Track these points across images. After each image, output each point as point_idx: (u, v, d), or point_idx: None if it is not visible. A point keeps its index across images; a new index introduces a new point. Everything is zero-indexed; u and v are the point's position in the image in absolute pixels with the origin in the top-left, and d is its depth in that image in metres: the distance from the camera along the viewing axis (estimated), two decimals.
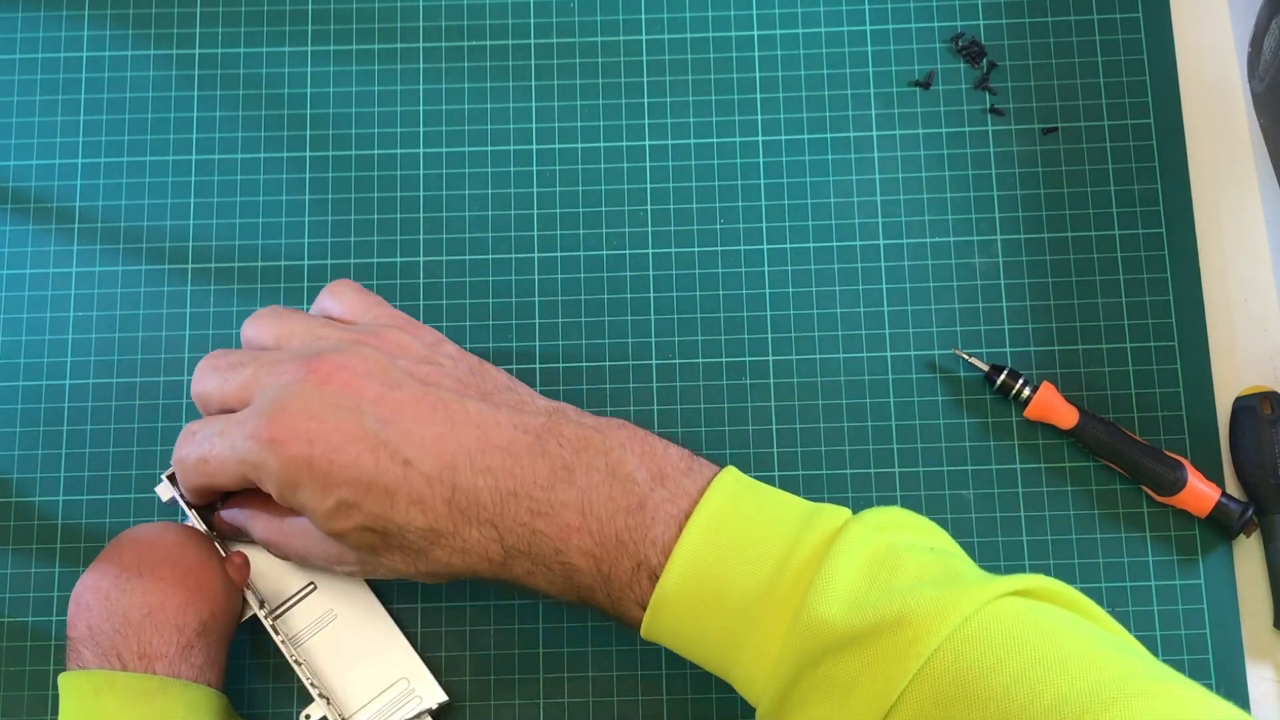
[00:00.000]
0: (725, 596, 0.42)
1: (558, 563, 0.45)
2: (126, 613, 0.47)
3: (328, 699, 0.51)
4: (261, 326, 0.50)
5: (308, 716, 0.51)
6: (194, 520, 0.52)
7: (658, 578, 0.43)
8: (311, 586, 0.53)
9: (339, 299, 0.51)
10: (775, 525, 0.43)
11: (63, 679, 0.48)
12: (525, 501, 0.44)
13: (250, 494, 0.50)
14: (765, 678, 0.42)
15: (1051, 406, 0.54)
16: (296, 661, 0.51)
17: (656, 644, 0.46)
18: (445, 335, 0.52)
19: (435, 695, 0.52)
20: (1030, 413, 0.55)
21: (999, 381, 0.55)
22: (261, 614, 0.51)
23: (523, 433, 0.45)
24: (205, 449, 0.47)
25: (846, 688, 0.40)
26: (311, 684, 0.51)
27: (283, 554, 0.50)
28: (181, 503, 0.51)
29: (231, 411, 0.47)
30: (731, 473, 0.45)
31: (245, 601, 0.52)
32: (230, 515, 0.51)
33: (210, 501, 0.51)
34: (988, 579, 0.41)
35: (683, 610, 0.43)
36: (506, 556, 0.45)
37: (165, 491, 0.52)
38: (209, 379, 0.48)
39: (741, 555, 0.43)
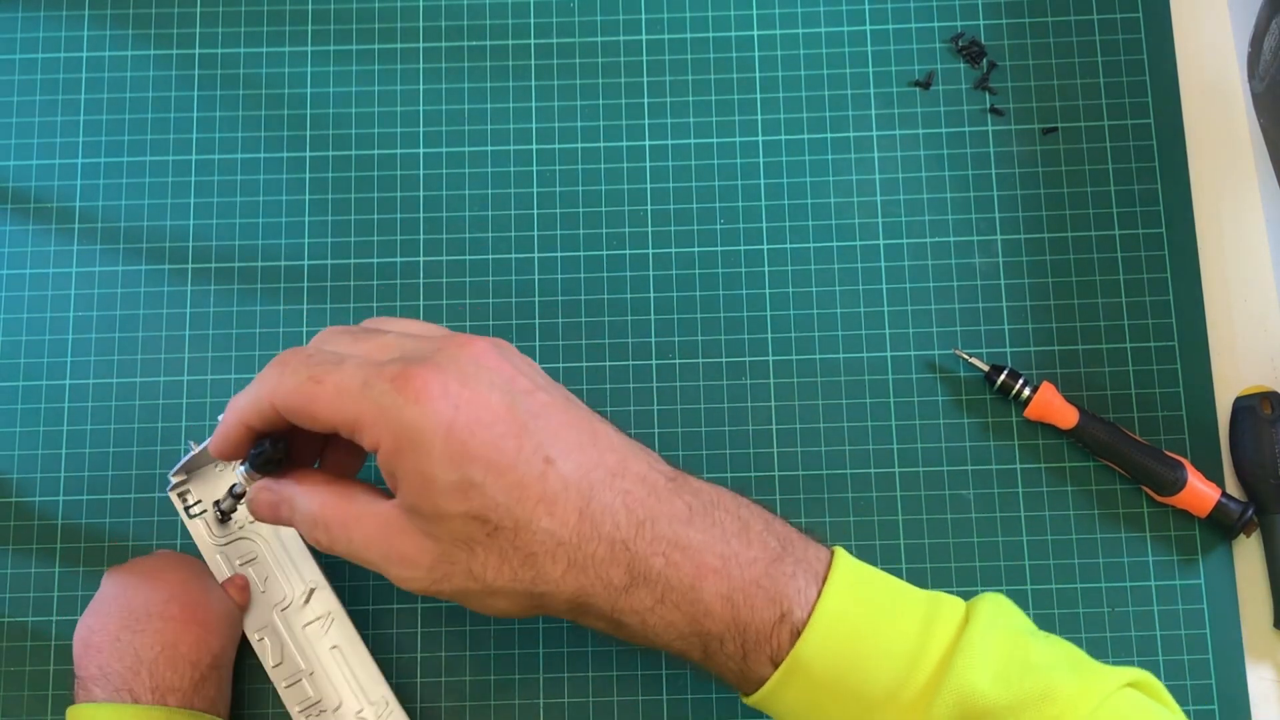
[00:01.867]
0: (863, 667, 0.41)
1: (688, 601, 0.41)
2: (139, 652, 0.48)
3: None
4: (357, 340, 0.44)
5: None
6: (195, 532, 0.52)
7: (799, 633, 0.41)
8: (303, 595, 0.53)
9: (418, 326, 0.47)
10: (902, 600, 0.42)
11: (71, 712, 0.48)
12: (664, 530, 0.41)
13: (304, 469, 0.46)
14: None
15: (1051, 406, 0.54)
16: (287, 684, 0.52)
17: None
18: None
19: None
20: (1030, 413, 0.55)
21: (999, 381, 0.55)
22: (254, 638, 0.52)
23: (657, 472, 0.43)
24: (322, 371, 0.41)
25: None
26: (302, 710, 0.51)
27: (330, 541, 0.43)
28: (184, 517, 0.52)
29: None
30: (843, 552, 0.44)
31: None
32: (279, 486, 0.45)
33: (260, 439, 0.44)
34: (1110, 667, 0.42)
35: (817, 674, 0.41)
36: (631, 583, 0.41)
37: (176, 500, 0.52)
38: (338, 338, 0.44)
39: (878, 625, 0.41)
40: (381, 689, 0.51)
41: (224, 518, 0.53)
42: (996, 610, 0.43)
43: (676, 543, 0.41)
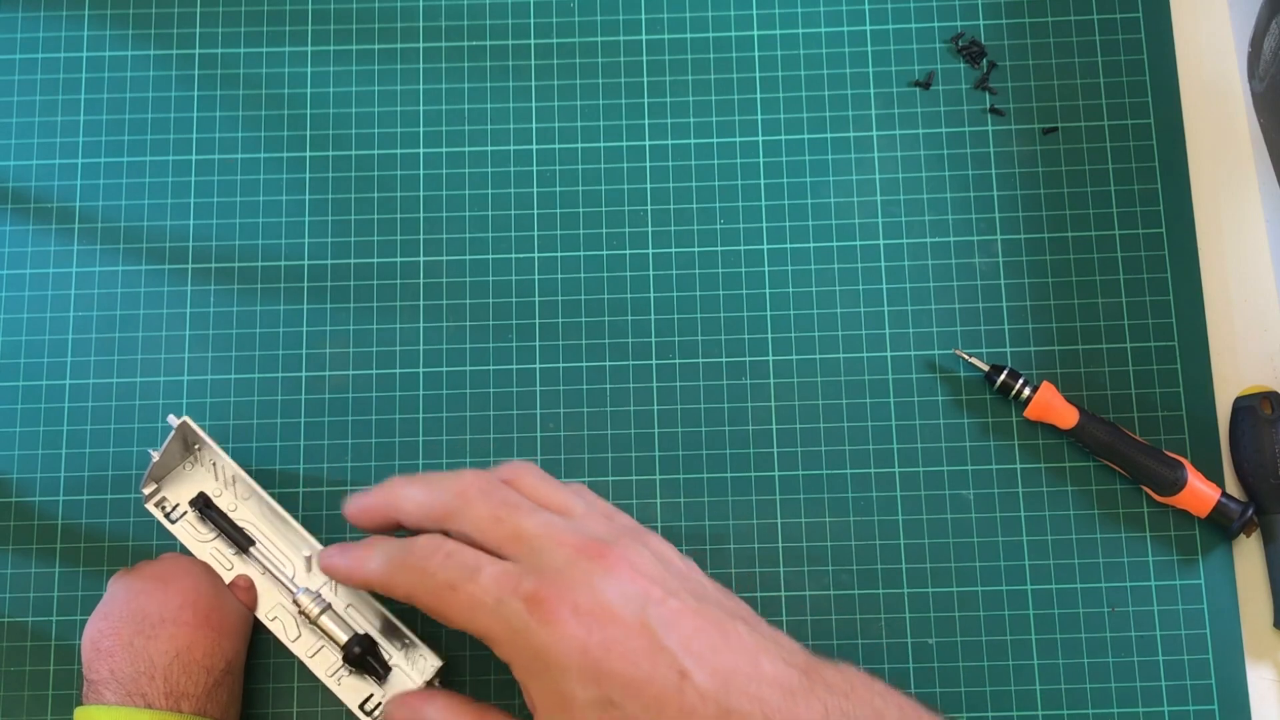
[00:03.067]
0: None
1: None
2: (152, 657, 0.48)
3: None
4: (489, 498, 0.45)
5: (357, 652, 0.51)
6: (182, 535, 0.52)
7: None
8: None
9: (577, 496, 0.47)
10: None
11: (80, 713, 0.48)
12: None
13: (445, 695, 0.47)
14: None
15: (1051, 406, 0.54)
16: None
17: None
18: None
19: (433, 660, 0.52)
20: (1030, 413, 0.55)
21: (999, 381, 0.55)
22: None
23: (790, 667, 0.43)
24: (459, 579, 0.43)
25: None
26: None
27: None
28: (166, 524, 0.53)
29: (474, 546, 0.44)
30: None
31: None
32: (418, 705, 0.47)
33: (359, 642, 0.48)
34: None
35: None
36: None
37: (154, 510, 0.53)
38: (477, 509, 0.45)
39: None
40: (401, 630, 0.51)
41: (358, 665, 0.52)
42: None
43: None
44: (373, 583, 0.46)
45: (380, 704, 0.51)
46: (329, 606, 0.52)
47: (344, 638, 0.51)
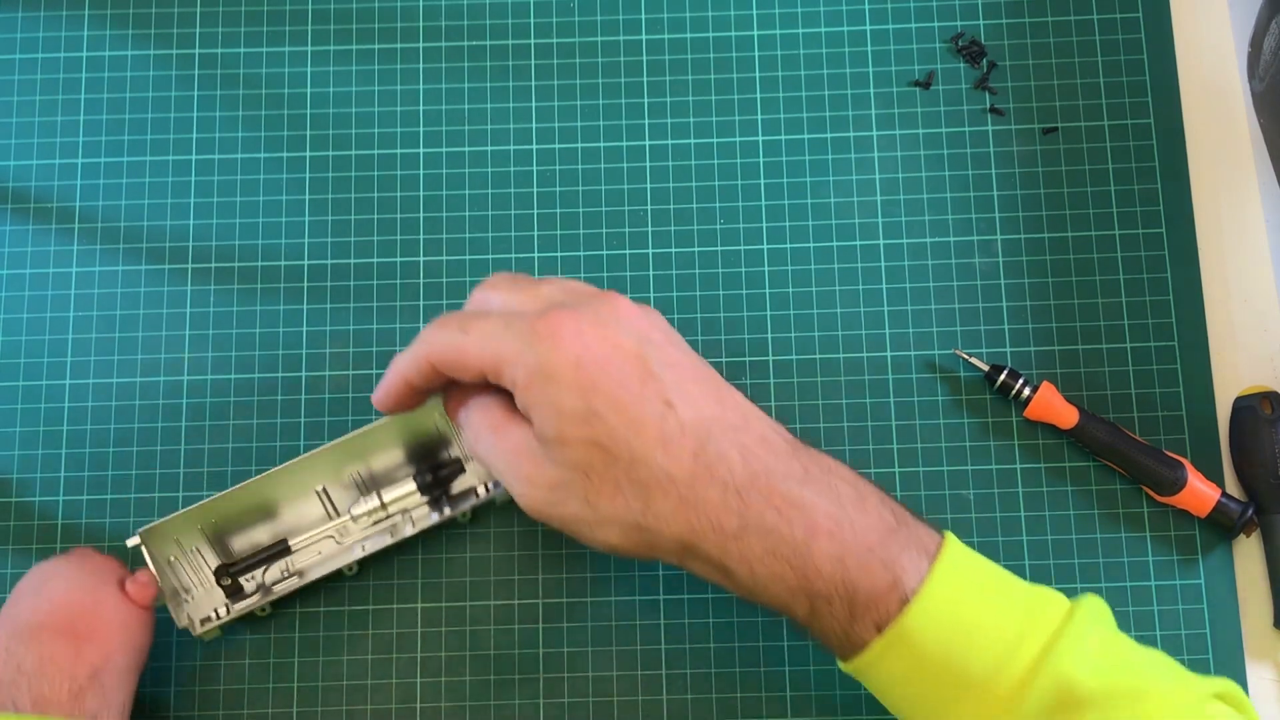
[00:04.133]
0: (966, 645, 0.42)
1: (799, 555, 0.42)
2: (20, 663, 0.47)
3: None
4: (516, 286, 0.47)
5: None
6: (251, 607, 0.52)
7: (907, 602, 0.42)
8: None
9: (578, 285, 0.49)
10: (1008, 588, 0.43)
11: None
12: (779, 484, 0.43)
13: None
14: None
15: (1051, 406, 0.54)
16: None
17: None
18: None
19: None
20: (1030, 413, 0.55)
21: (999, 381, 0.55)
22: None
23: (779, 435, 0.45)
24: (470, 322, 0.45)
25: None
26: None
27: (477, 445, 0.46)
28: (233, 615, 0.52)
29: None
30: (953, 536, 0.44)
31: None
32: (471, 395, 0.47)
33: (418, 393, 0.48)
34: (1202, 677, 0.43)
35: (920, 647, 0.42)
36: (741, 529, 0.43)
37: (134, 542, 0.52)
38: (497, 287, 0.47)
39: (983, 608, 0.42)
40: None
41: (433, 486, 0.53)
42: (1097, 610, 0.43)
43: (790, 499, 0.43)
44: (408, 378, 0.47)
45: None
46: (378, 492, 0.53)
47: (412, 485, 0.53)
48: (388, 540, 0.53)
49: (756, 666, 0.54)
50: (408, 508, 0.53)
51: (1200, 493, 0.53)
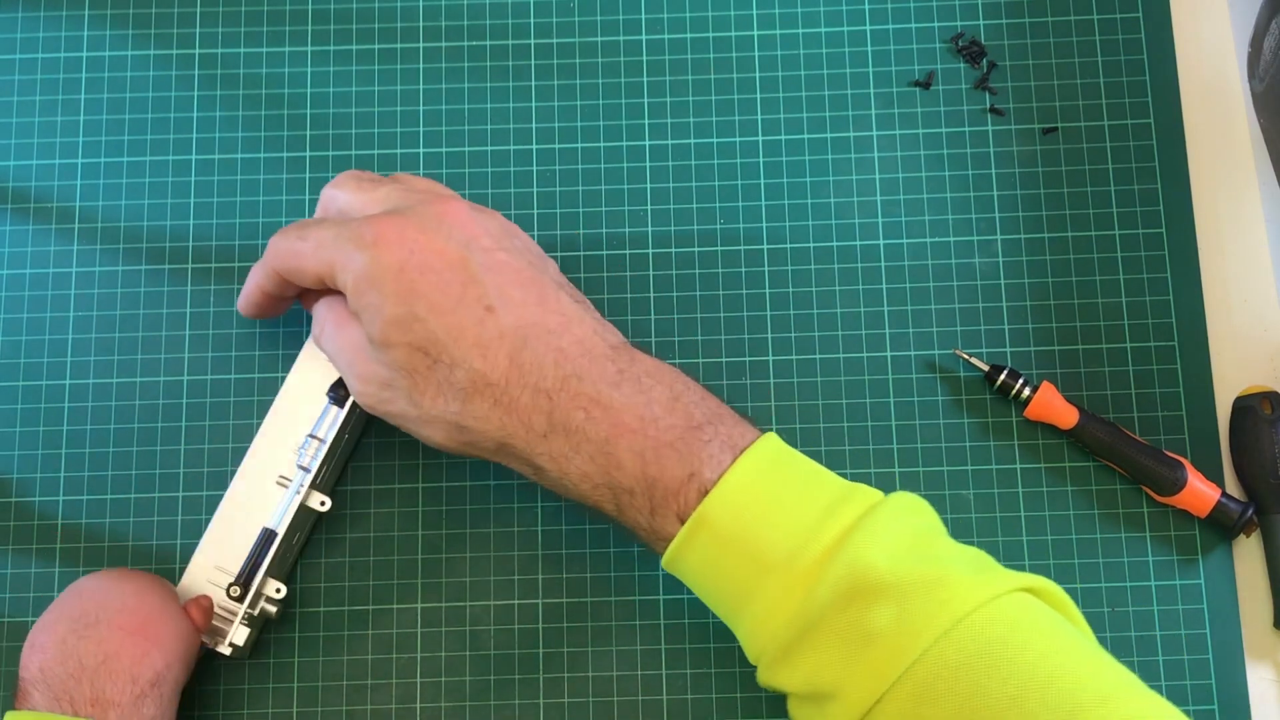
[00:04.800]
0: (765, 530, 0.43)
1: (602, 453, 0.45)
2: (82, 658, 0.47)
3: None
4: (359, 187, 0.50)
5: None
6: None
7: (706, 493, 0.44)
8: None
9: (424, 183, 0.51)
10: (818, 482, 0.45)
11: (10, 718, 0.47)
12: (588, 387, 0.45)
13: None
14: (783, 618, 0.42)
15: (1051, 406, 0.54)
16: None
17: (675, 577, 0.46)
18: None
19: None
20: (1030, 413, 0.55)
21: (999, 381, 0.55)
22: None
23: (602, 339, 0.47)
24: (306, 230, 0.48)
25: (869, 637, 0.41)
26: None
27: (323, 339, 0.50)
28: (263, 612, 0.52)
29: None
30: (774, 435, 0.46)
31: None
32: (323, 295, 0.51)
33: (275, 299, 0.51)
34: (1013, 571, 0.44)
35: (721, 533, 0.43)
36: (549, 429, 0.45)
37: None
38: (347, 185, 0.50)
39: (787, 497, 0.44)
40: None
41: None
42: (910, 505, 0.45)
43: (598, 400, 0.45)
44: (262, 285, 0.51)
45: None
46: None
47: (326, 402, 0.54)
48: (329, 440, 0.53)
49: None
50: (336, 421, 0.54)
51: (1200, 493, 0.53)
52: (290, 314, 0.57)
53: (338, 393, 0.53)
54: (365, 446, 0.56)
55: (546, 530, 0.55)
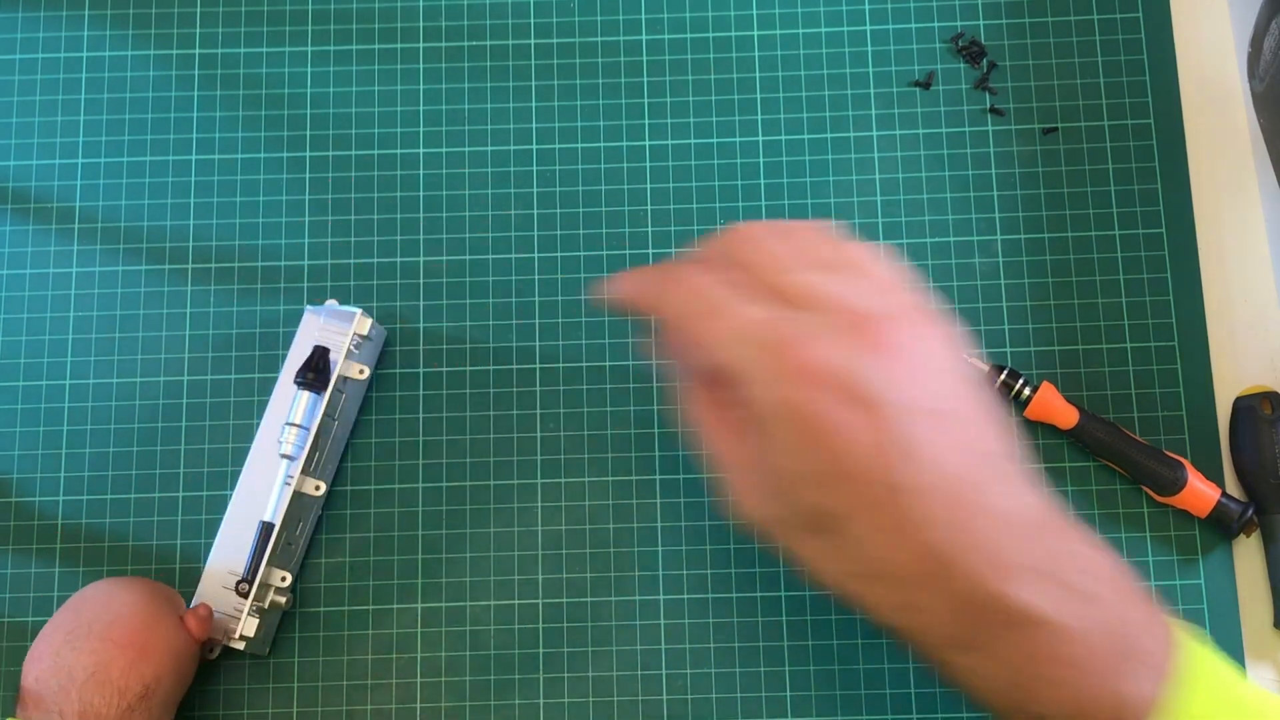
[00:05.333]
0: None
1: (1017, 676, 0.38)
2: (71, 670, 0.47)
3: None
4: (801, 262, 0.41)
5: None
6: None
7: None
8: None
9: (862, 262, 0.42)
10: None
11: None
12: (1013, 601, 0.37)
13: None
14: None
15: (1051, 406, 0.54)
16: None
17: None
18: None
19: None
20: (1030, 413, 0.55)
21: (999, 381, 0.55)
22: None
23: (1025, 510, 0.39)
24: (726, 311, 0.40)
25: None
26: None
27: (690, 413, 0.43)
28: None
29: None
30: (1188, 636, 0.40)
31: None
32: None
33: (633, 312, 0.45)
34: None
35: None
36: (954, 642, 0.39)
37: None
38: (780, 257, 0.41)
39: None
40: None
41: None
42: None
43: (1024, 620, 0.38)
44: (638, 304, 0.43)
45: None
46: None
47: (294, 390, 0.53)
48: (311, 426, 0.53)
49: (756, 666, 0.54)
50: (314, 406, 0.53)
51: (1200, 493, 0.53)
52: (290, 314, 0.57)
53: (305, 377, 0.53)
54: (365, 447, 0.56)
55: (546, 530, 0.55)
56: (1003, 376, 0.55)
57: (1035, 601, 0.37)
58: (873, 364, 0.38)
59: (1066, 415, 0.54)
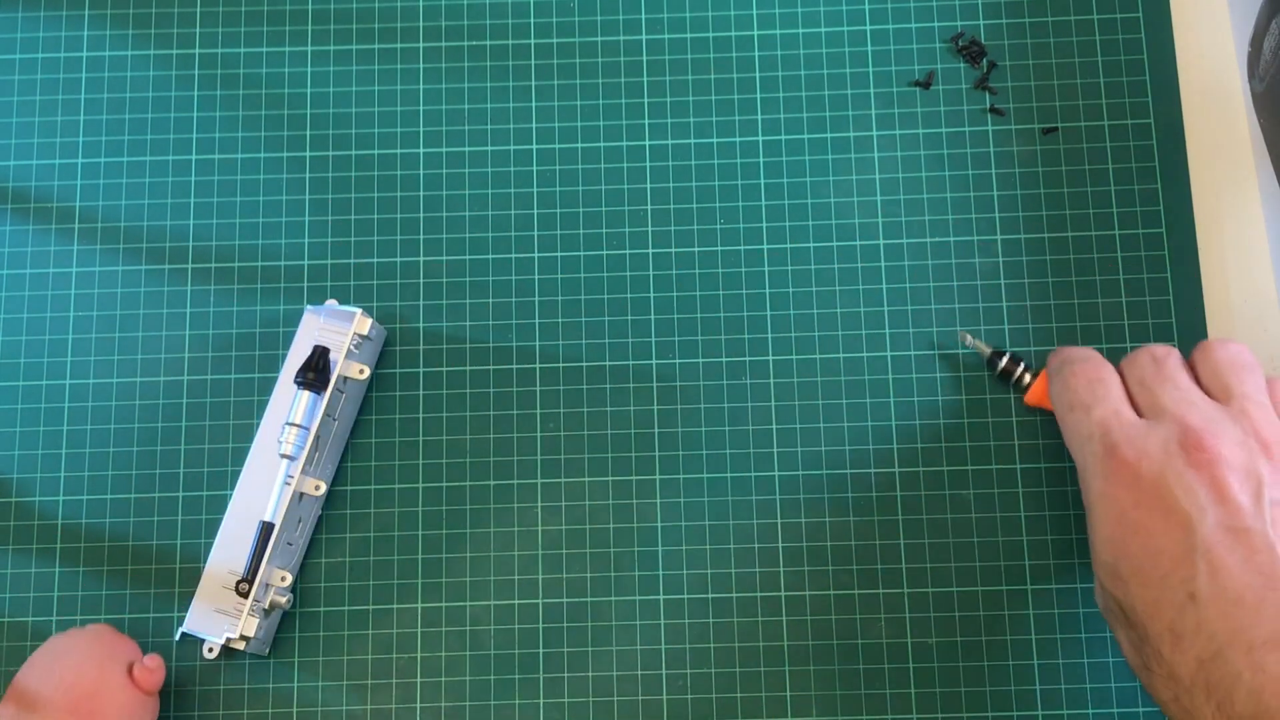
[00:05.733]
0: None
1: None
2: None
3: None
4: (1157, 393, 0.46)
5: None
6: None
7: None
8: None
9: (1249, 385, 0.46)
10: None
11: None
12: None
13: None
14: None
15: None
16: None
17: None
18: None
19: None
20: (1030, 398, 0.54)
21: (1000, 366, 0.55)
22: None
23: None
24: (1080, 405, 0.46)
25: None
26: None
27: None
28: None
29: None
30: None
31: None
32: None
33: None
34: None
35: None
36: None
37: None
38: (1149, 380, 0.47)
39: None
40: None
41: None
42: None
43: None
44: (1045, 386, 0.51)
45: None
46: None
47: (294, 389, 0.53)
48: (311, 426, 0.53)
49: (756, 666, 0.54)
50: (314, 405, 0.53)
51: None
52: (289, 315, 0.57)
53: (305, 377, 0.53)
54: (365, 447, 0.56)
55: (546, 530, 0.55)
56: (1004, 361, 0.55)
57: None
58: (1183, 478, 0.42)
59: None
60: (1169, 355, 0.48)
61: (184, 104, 0.59)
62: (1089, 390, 0.47)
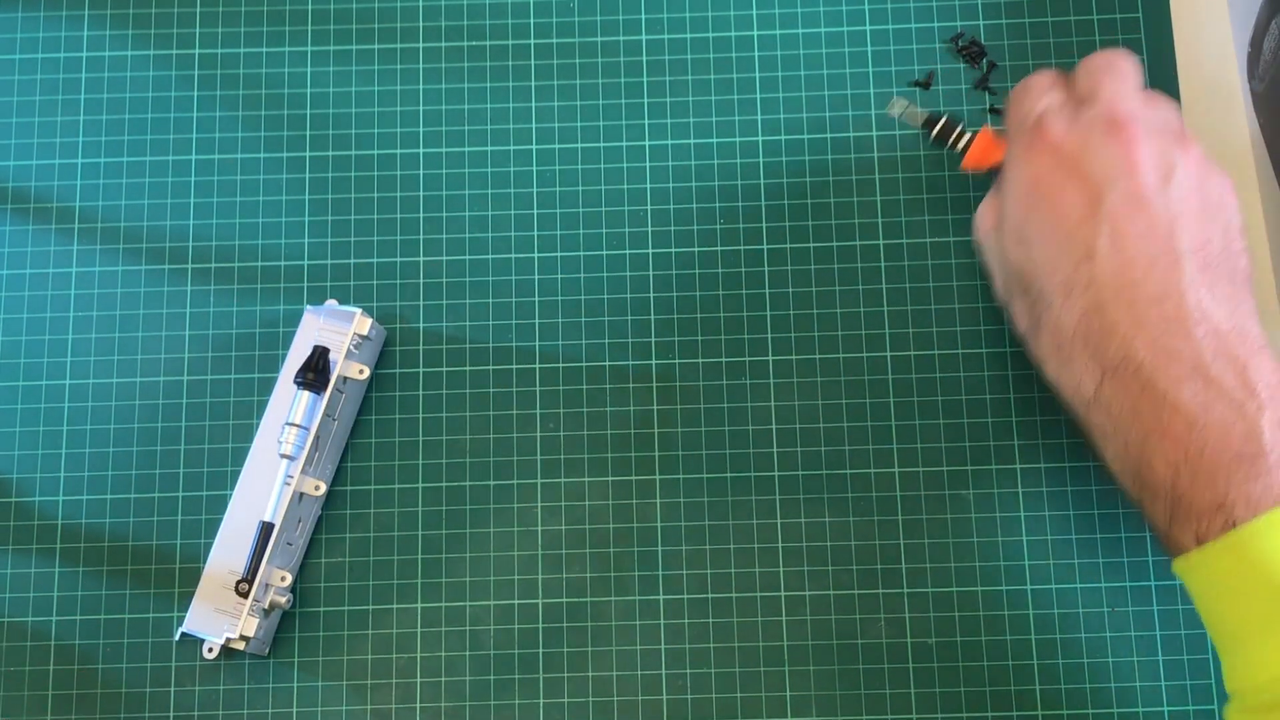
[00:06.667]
0: None
1: (1136, 448, 0.43)
2: None
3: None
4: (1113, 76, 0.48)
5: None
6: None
7: (1233, 527, 0.41)
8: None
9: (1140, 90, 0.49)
10: None
11: None
12: (1148, 374, 0.43)
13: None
14: None
15: (989, 151, 0.53)
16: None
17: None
18: None
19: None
20: (968, 162, 0.54)
21: (936, 130, 0.54)
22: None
23: (1200, 322, 0.43)
24: (1057, 113, 0.47)
25: None
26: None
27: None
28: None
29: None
30: None
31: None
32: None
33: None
34: None
35: (1244, 565, 0.40)
36: (1093, 402, 0.45)
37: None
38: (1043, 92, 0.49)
39: None
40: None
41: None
42: None
43: (1150, 392, 0.43)
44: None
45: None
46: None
47: (294, 389, 0.53)
48: (311, 426, 0.53)
49: (756, 666, 0.54)
50: (314, 406, 0.54)
51: None
52: (289, 315, 0.57)
53: (305, 377, 0.53)
54: (365, 447, 0.56)
55: (546, 530, 0.55)
56: (940, 125, 0.54)
57: (1165, 388, 0.42)
58: (1111, 152, 0.45)
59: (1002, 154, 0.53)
60: (1127, 56, 0.50)
61: (184, 104, 0.59)
62: (1041, 83, 0.50)
